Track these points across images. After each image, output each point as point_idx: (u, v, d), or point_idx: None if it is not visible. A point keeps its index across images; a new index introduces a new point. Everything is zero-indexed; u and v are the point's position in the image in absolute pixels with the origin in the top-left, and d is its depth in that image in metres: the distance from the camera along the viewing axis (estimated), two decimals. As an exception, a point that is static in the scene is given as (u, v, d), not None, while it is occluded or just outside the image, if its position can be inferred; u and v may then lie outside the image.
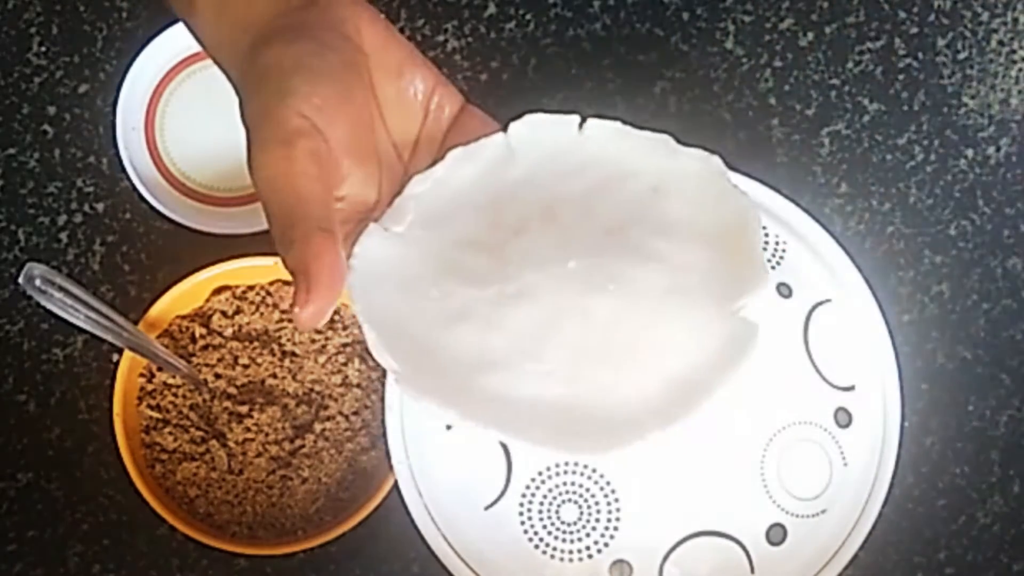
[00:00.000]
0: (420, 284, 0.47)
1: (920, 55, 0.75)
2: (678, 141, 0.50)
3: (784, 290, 0.55)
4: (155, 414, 0.67)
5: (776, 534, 0.53)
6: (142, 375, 0.67)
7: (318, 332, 0.68)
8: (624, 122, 0.50)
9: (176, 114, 0.72)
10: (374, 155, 0.48)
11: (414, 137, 0.50)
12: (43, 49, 0.73)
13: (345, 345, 0.68)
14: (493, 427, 0.44)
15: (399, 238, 0.48)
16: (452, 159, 0.49)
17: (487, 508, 0.54)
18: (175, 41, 0.71)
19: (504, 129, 0.50)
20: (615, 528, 0.52)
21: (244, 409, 0.66)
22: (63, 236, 0.72)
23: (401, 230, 0.48)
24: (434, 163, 0.49)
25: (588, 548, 0.52)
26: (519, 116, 0.50)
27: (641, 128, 0.50)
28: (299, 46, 0.46)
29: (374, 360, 0.68)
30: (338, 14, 0.47)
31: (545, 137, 0.50)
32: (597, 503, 0.52)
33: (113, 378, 0.65)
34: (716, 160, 0.49)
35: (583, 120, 0.50)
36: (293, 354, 0.67)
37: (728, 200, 0.48)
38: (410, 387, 0.44)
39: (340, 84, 0.46)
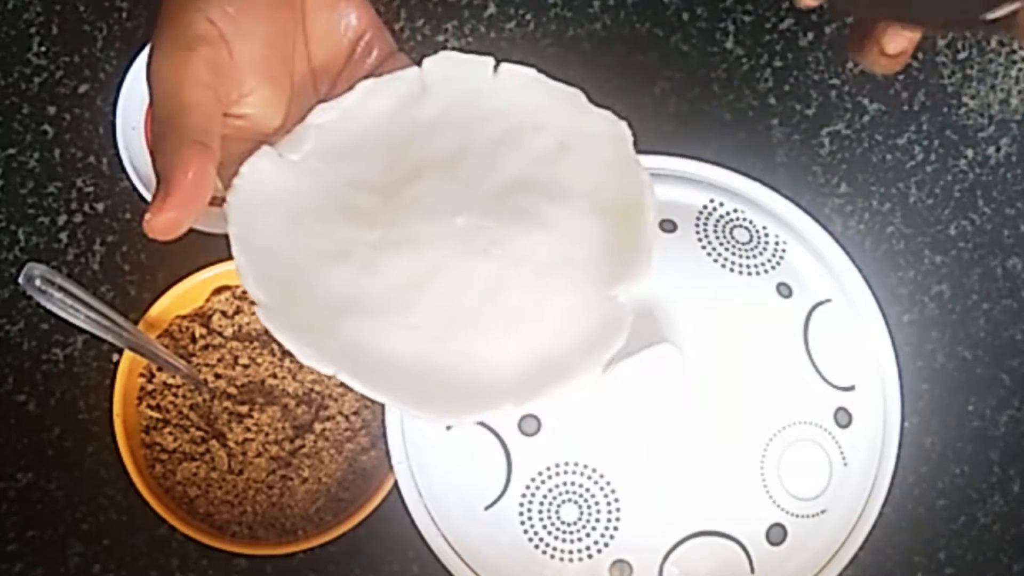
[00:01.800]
0: (305, 217, 0.46)
1: (920, 55, 0.75)
2: (590, 100, 0.49)
3: (784, 290, 0.55)
4: (155, 414, 0.67)
5: (776, 534, 0.53)
6: (142, 375, 0.67)
7: (318, 332, 0.68)
8: (539, 70, 0.49)
9: (176, 114, 0.72)
10: (286, 79, 0.47)
11: (336, 70, 0.49)
12: (43, 49, 0.73)
13: (345, 345, 0.68)
14: (347, 374, 0.43)
15: (293, 166, 0.47)
16: (362, 90, 0.48)
17: (487, 508, 0.54)
18: (175, 41, 0.71)
19: (419, 64, 0.49)
20: (615, 528, 0.52)
21: (244, 409, 0.66)
22: (63, 236, 0.72)
23: (296, 159, 0.47)
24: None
25: (588, 548, 0.52)
26: (435, 52, 0.49)
27: (555, 79, 0.49)
28: None
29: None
30: None
31: (458, 77, 0.49)
32: (597, 503, 0.52)
33: (113, 378, 0.65)
34: (623, 126, 0.48)
35: (498, 63, 0.49)
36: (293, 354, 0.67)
37: (629, 171, 0.47)
38: (272, 321, 0.43)
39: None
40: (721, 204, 0.57)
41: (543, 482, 0.52)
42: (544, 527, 0.53)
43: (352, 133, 0.48)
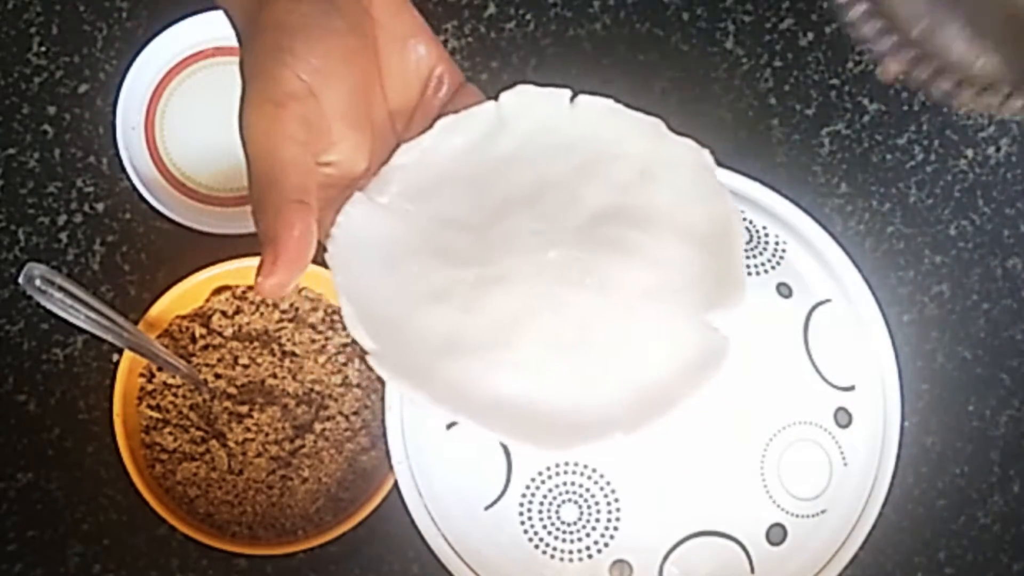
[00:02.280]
0: (402, 260, 0.47)
1: (920, 55, 0.75)
2: (670, 129, 0.49)
3: (784, 290, 0.55)
4: (155, 414, 0.67)
5: (776, 534, 0.53)
6: (142, 375, 0.67)
7: (318, 332, 0.68)
8: (616, 100, 0.49)
9: (176, 114, 0.72)
10: (368, 122, 0.47)
11: (411, 108, 0.49)
12: (43, 49, 0.73)
13: (345, 345, 0.68)
14: (461, 414, 0.43)
15: (384, 210, 0.47)
16: (441, 128, 0.48)
17: (487, 508, 0.54)
18: (175, 41, 0.71)
19: (495, 98, 0.49)
20: (615, 528, 0.52)
21: (244, 409, 0.66)
22: (63, 236, 0.72)
23: (386, 201, 0.47)
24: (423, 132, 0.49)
25: (588, 548, 0.52)
26: (511, 86, 0.49)
27: (634, 108, 0.49)
28: (307, 5, 0.45)
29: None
30: None
31: (536, 110, 0.49)
32: (597, 503, 0.52)
33: (113, 378, 0.65)
34: (706, 154, 0.48)
35: (575, 94, 0.49)
36: (293, 354, 0.67)
37: (715, 198, 0.47)
38: (384, 367, 0.43)
39: (342, 47, 0.45)
40: (721, 204, 0.57)
41: (543, 482, 0.52)
42: (544, 527, 0.53)
43: (435, 172, 0.48)
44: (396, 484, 0.57)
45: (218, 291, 0.68)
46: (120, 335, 0.63)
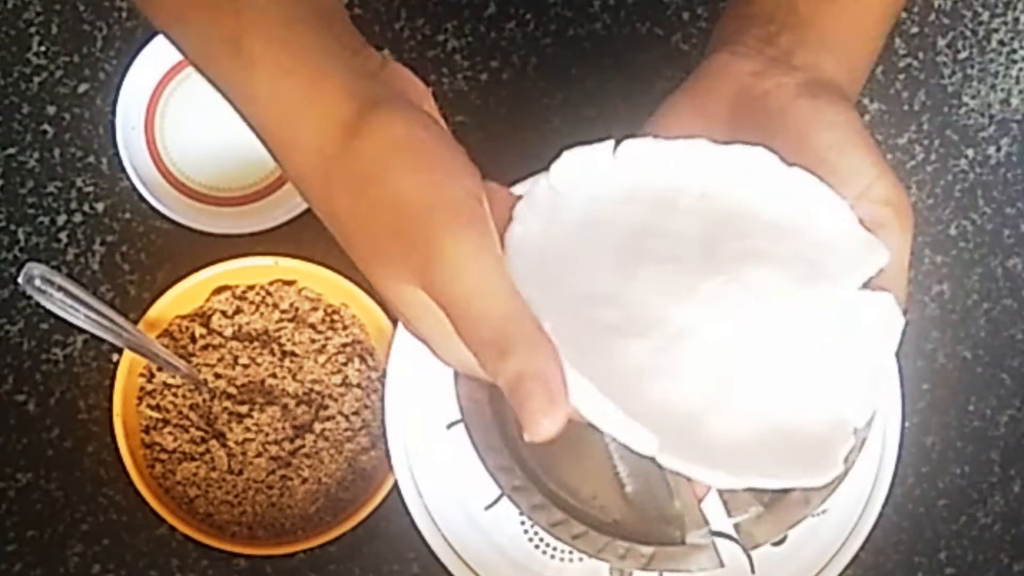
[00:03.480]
0: (580, 352, 0.43)
1: (920, 55, 0.75)
2: (716, 141, 0.48)
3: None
4: (155, 414, 0.67)
5: (777, 534, 0.53)
6: (142, 375, 0.67)
7: (318, 332, 0.68)
8: (655, 136, 0.48)
9: (176, 114, 0.72)
10: None
11: None
12: (43, 49, 0.73)
13: (345, 345, 0.68)
14: (764, 477, 0.41)
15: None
16: (519, 217, 0.46)
17: (487, 508, 0.54)
18: (175, 41, 0.71)
19: (547, 168, 0.48)
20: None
21: (244, 409, 0.66)
22: (63, 236, 0.72)
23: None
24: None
25: (588, 548, 0.52)
26: (558, 155, 0.47)
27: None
28: (419, 115, 0.43)
29: (374, 360, 0.68)
30: (403, 85, 0.46)
31: (584, 171, 0.48)
32: (598, 503, 0.52)
33: (113, 378, 0.65)
34: (760, 150, 0.47)
35: (617, 144, 0.48)
36: (293, 354, 0.67)
37: (792, 181, 0.47)
38: (675, 456, 0.40)
39: (457, 156, 0.43)
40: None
41: (543, 482, 0.52)
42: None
43: (534, 260, 0.46)
44: (396, 484, 0.57)
45: (218, 291, 0.68)
46: (120, 335, 0.63)
